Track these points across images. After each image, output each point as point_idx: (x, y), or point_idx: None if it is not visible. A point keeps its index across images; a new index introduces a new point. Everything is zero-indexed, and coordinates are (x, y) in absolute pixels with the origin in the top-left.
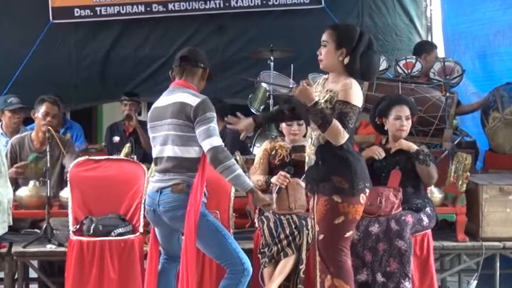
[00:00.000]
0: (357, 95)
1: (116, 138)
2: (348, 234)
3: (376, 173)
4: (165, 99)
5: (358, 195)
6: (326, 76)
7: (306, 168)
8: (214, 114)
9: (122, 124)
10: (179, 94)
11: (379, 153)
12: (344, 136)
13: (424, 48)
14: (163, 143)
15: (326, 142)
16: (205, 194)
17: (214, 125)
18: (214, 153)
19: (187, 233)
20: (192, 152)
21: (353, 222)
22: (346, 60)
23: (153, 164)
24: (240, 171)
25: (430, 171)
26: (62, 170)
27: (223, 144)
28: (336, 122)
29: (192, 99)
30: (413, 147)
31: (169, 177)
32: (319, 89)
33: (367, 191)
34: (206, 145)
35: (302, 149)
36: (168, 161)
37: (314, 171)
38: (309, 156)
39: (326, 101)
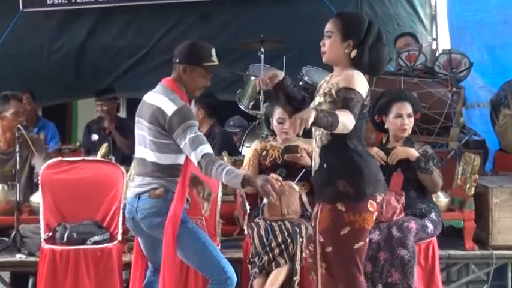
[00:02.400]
0: (360, 83)
1: (95, 137)
2: (357, 246)
3: None
4: (151, 96)
5: (365, 201)
6: (331, 74)
7: (313, 173)
8: (191, 122)
9: (101, 121)
10: (160, 96)
11: (380, 158)
12: (352, 120)
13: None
14: (142, 143)
15: (329, 142)
16: (187, 200)
17: (194, 134)
18: (202, 167)
19: (166, 246)
20: (168, 159)
21: (362, 232)
22: (354, 53)
23: (132, 166)
24: (225, 171)
25: (433, 179)
26: (31, 172)
27: (207, 150)
28: (339, 112)
29: (168, 106)
30: (413, 154)
31: (148, 182)
32: (324, 86)
33: (378, 197)
34: (193, 161)
35: (295, 149)
36: (146, 164)
37: (318, 175)
38: (315, 160)
39: (325, 94)
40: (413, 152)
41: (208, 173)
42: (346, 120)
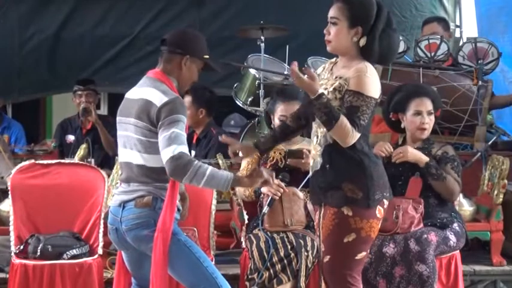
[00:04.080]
0: (372, 82)
1: (70, 137)
2: (359, 256)
3: (390, 180)
4: (136, 91)
5: (373, 207)
6: (334, 60)
7: (311, 173)
8: (182, 117)
9: (77, 120)
10: (148, 89)
11: (385, 149)
12: (353, 136)
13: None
14: (126, 145)
15: (334, 141)
16: (178, 209)
17: (179, 131)
18: (171, 165)
19: (155, 263)
20: (158, 161)
21: (367, 241)
22: (363, 42)
23: (114, 170)
24: (210, 170)
25: (447, 187)
26: None
27: (183, 149)
28: (344, 119)
29: (159, 97)
30: (421, 160)
31: (133, 189)
32: (326, 76)
33: (386, 202)
34: (164, 156)
35: (299, 154)
36: (131, 169)
37: (320, 176)
38: (314, 158)
39: (334, 89)
40: (422, 157)
41: (180, 177)
42: (345, 137)
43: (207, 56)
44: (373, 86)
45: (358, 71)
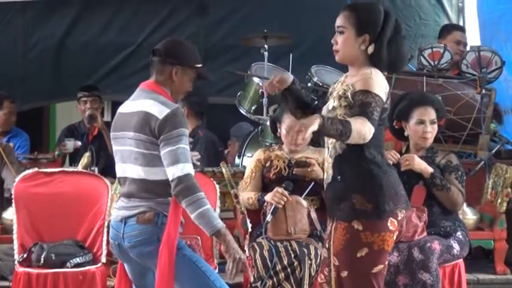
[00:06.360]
0: (378, 84)
1: (77, 143)
2: (376, 270)
3: None
4: (130, 105)
5: (384, 219)
6: (347, 74)
7: (325, 186)
8: (186, 131)
9: (83, 126)
10: (145, 101)
11: (392, 155)
12: (371, 129)
13: (440, 32)
14: (126, 160)
15: (344, 151)
16: (181, 223)
17: (184, 146)
18: (178, 185)
19: (161, 280)
20: (159, 174)
21: (381, 253)
22: (371, 49)
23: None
24: (207, 207)
25: (450, 197)
26: (1, 186)
27: (192, 172)
28: (353, 120)
29: (159, 109)
30: (427, 171)
31: (135, 204)
32: (339, 88)
33: (400, 214)
34: (170, 173)
35: (306, 163)
36: (132, 184)
37: (332, 188)
38: (327, 171)
39: (340, 97)
40: (428, 168)
41: (181, 198)
42: (362, 130)
43: (199, 65)
44: (379, 87)
45: (363, 74)
